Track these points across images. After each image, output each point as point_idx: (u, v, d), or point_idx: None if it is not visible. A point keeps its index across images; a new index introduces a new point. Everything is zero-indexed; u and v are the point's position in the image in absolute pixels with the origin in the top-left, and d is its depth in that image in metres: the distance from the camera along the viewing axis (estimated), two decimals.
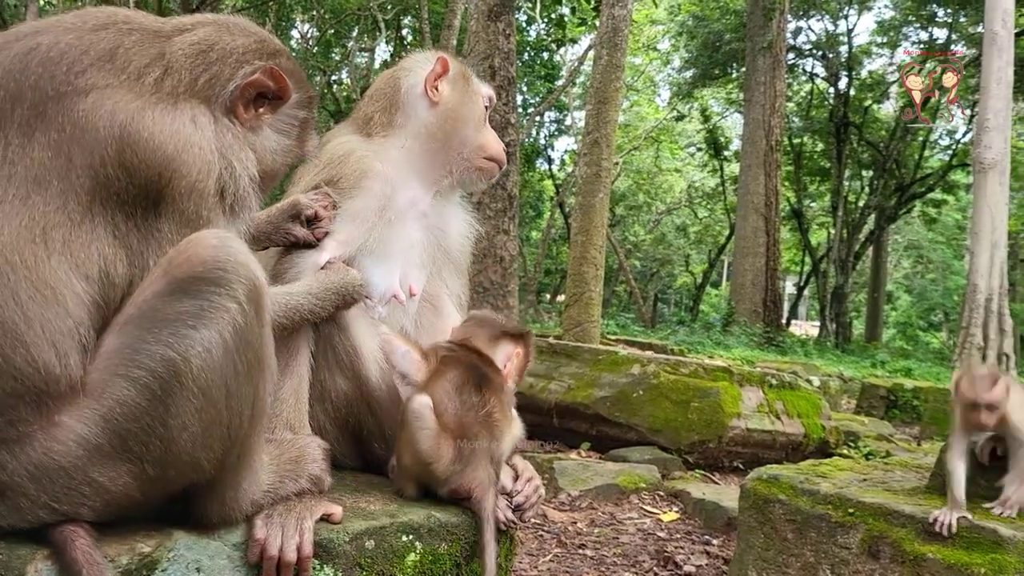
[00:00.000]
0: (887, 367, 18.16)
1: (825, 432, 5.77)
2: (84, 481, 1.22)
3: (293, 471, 1.48)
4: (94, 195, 1.28)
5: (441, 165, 2.06)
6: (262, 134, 1.52)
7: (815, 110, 33.01)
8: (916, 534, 2.09)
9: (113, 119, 1.30)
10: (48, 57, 1.30)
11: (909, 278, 45.15)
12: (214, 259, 1.27)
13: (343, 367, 1.81)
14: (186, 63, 1.42)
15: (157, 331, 1.24)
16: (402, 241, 1.97)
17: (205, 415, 1.26)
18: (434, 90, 2.06)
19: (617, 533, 3.82)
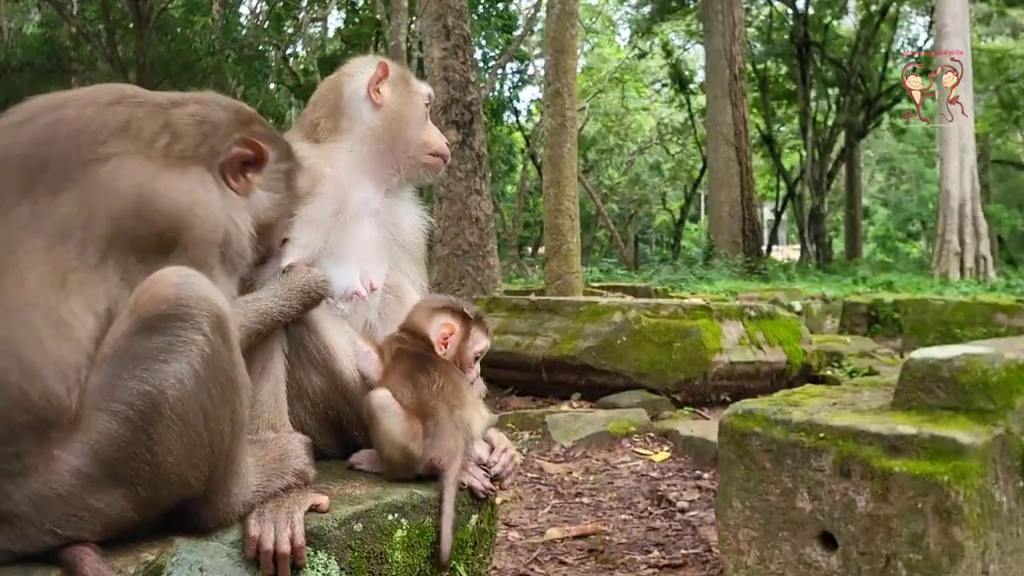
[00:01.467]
0: (868, 283, 18.39)
1: (807, 356, 5.90)
2: (82, 507, 1.32)
3: (279, 469, 1.59)
4: (111, 242, 1.42)
5: (389, 164, 2.15)
6: (254, 196, 1.69)
7: (776, 33, 32.86)
8: (883, 450, 2.19)
9: (133, 178, 1.46)
10: (73, 129, 1.48)
11: (884, 191, 45.44)
12: (176, 296, 1.38)
13: (316, 365, 1.90)
14: (190, 131, 1.60)
15: (132, 367, 1.34)
16: (358, 240, 2.05)
17: (187, 438, 1.37)
18: (376, 93, 2.13)
19: (612, 478, 3.94)
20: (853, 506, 2.22)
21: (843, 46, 31.62)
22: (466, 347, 2.03)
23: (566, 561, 2.92)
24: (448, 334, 1.99)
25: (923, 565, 2.09)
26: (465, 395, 1.91)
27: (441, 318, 2.00)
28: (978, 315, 8.22)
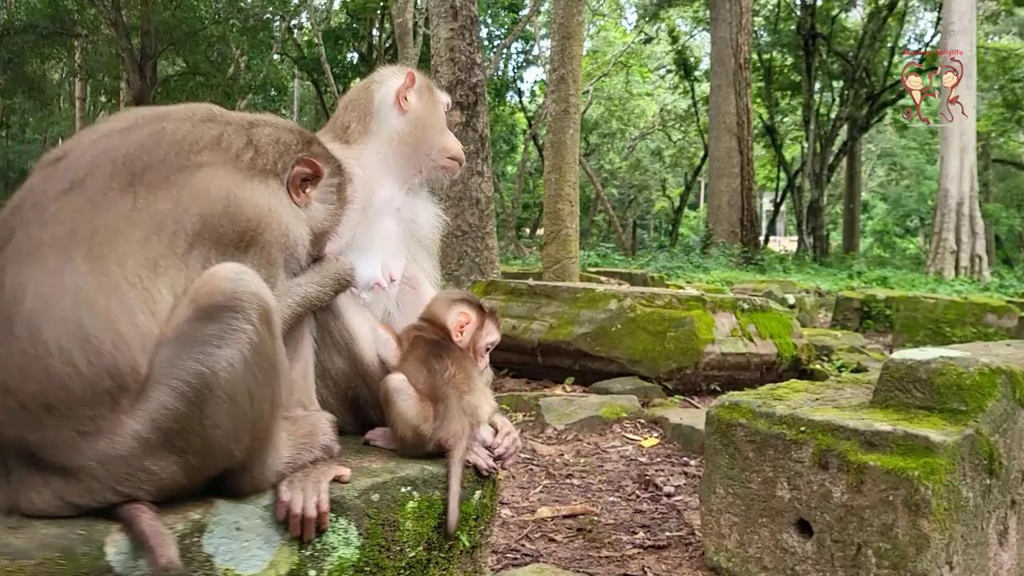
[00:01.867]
0: (863, 277, 18.50)
1: (797, 350, 6.03)
2: (140, 469, 1.49)
3: (308, 443, 1.77)
4: (199, 236, 1.62)
5: (412, 166, 2.32)
6: (312, 208, 1.88)
7: (782, 23, 32.78)
8: (859, 445, 2.31)
9: (223, 184, 1.68)
10: (174, 139, 1.69)
11: (884, 186, 45.49)
12: (232, 290, 1.55)
13: (340, 348, 2.06)
14: (269, 148, 1.81)
15: (190, 349, 1.51)
16: (381, 235, 2.22)
17: (233, 416, 1.54)
18: (404, 100, 2.30)
19: (602, 461, 4.07)
20: (829, 496, 2.35)
21: (849, 39, 31.58)
22: (480, 337, 2.19)
23: (555, 539, 3.05)
24: (465, 322, 2.15)
25: (891, 554, 2.23)
26: (475, 382, 2.07)
27: (459, 307, 2.16)
28: (968, 315, 8.35)
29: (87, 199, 1.57)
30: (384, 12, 28.42)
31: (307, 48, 32.29)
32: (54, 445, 1.47)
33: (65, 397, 1.46)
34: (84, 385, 1.46)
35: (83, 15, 23.03)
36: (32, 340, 1.46)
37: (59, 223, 1.54)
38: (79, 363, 1.46)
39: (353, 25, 32.29)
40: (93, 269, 1.50)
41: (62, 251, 1.51)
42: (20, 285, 1.48)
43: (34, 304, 1.47)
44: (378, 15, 30.62)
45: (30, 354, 1.46)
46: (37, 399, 1.45)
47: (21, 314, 1.47)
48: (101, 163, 1.62)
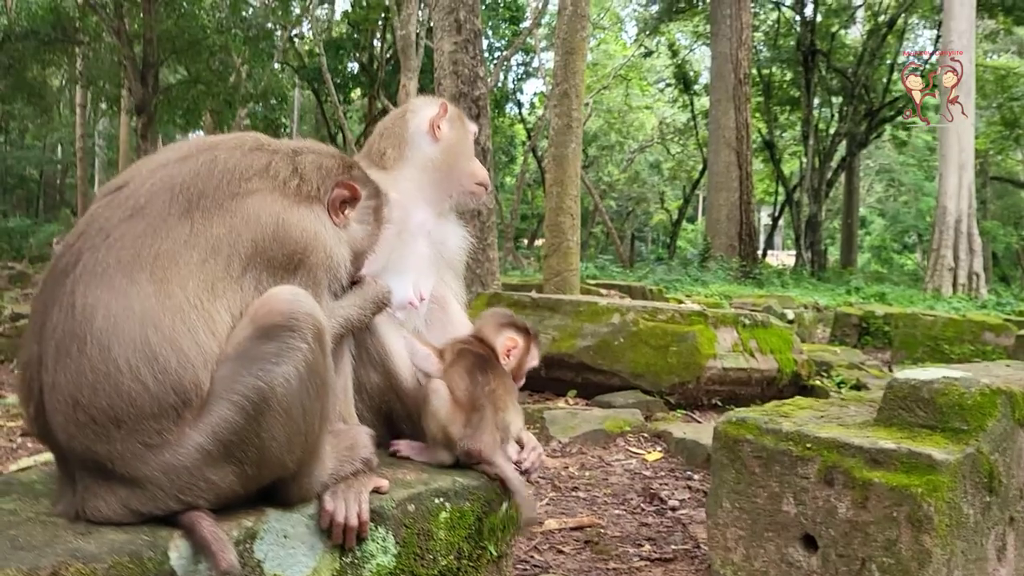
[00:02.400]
0: (861, 293, 18.58)
1: (797, 365, 6.09)
2: (201, 478, 1.59)
3: (349, 456, 1.86)
4: (251, 259, 1.73)
5: (443, 191, 2.44)
6: (350, 228, 1.99)
7: (782, 39, 32.98)
8: (864, 462, 2.37)
9: (272, 210, 1.78)
10: (226, 168, 1.80)
11: (882, 202, 45.68)
12: (289, 311, 1.66)
13: (375, 364, 2.17)
14: (312, 176, 1.92)
15: (249, 366, 1.61)
16: (414, 256, 2.33)
17: (288, 428, 1.64)
18: (437, 128, 2.41)
19: (606, 475, 4.12)
20: (834, 512, 2.41)
21: (849, 56, 31.78)
22: (525, 361, 2.29)
23: (563, 551, 3.10)
24: (512, 347, 2.25)
25: (895, 568, 2.28)
26: (510, 401, 2.15)
27: (507, 332, 2.26)
28: (967, 332, 8.42)
29: (148, 224, 1.67)
30: (386, 23, 28.56)
31: (308, 58, 32.43)
32: (122, 456, 1.56)
33: (133, 412, 1.55)
34: (151, 400, 1.55)
35: (85, 22, 23.10)
36: (103, 358, 1.55)
37: (124, 247, 1.64)
38: (147, 380, 1.55)
39: (354, 36, 32.43)
40: (157, 291, 1.60)
41: (128, 274, 1.61)
42: (90, 306, 1.58)
43: (104, 324, 1.57)
44: (380, 26, 30.77)
45: (101, 371, 1.55)
46: (107, 413, 1.54)
47: (92, 333, 1.56)
48: (160, 191, 1.73)
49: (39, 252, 24.46)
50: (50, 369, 1.59)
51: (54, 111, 34.88)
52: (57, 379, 1.57)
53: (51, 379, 1.58)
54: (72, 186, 38.30)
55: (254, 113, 30.02)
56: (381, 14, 28.54)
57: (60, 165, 43.07)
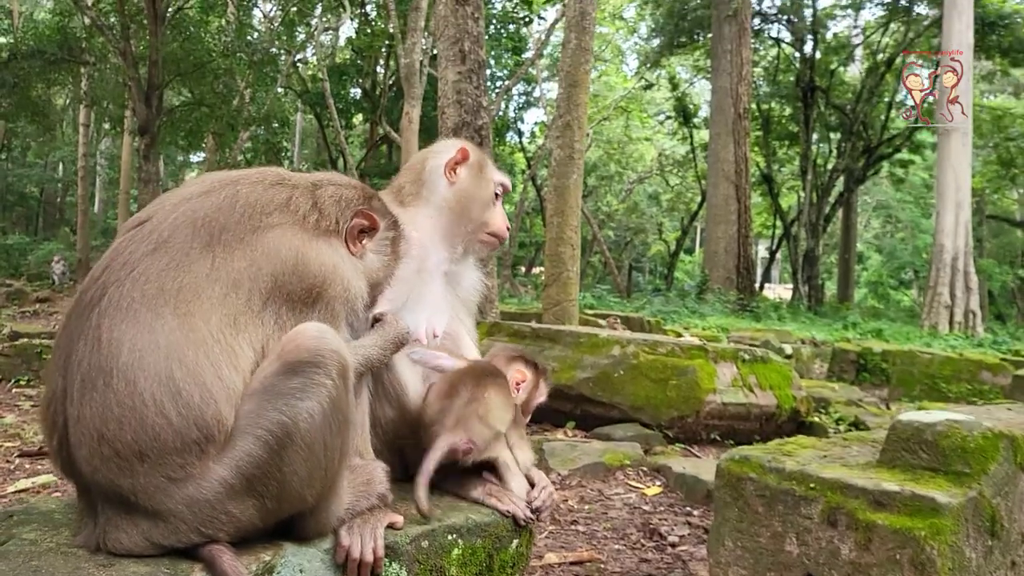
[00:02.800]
0: (858, 329, 18.61)
1: (796, 402, 6.09)
2: (223, 512, 1.60)
3: (365, 491, 1.88)
4: (271, 294, 1.75)
5: (456, 234, 2.47)
6: (367, 258, 2.02)
7: (782, 75, 33.32)
8: (868, 504, 2.38)
9: (291, 245, 1.81)
10: (248, 202, 1.83)
11: (879, 238, 45.91)
12: (316, 347, 1.69)
13: (391, 399, 2.20)
14: (331, 210, 1.96)
15: (274, 401, 1.64)
16: (431, 294, 2.37)
17: (309, 463, 1.66)
18: (452, 172, 2.46)
19: (606, 508, 4.11)
20: (837, 553, 2.41)
21: (847, 93, 32.09)
22: (533, 396, 2.30)
23: None
24: (521, 380, 2.26)
25: None
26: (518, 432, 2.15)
27: (517, 365, 2.27)
28: (964, 371, 8.45)
29: (171, 259, 1.70)
30: (390, 51, 28.81)
31: (311, 83, 32.70)
32: (145, 490, 1.57)
33: (157, 446, 1.56)
34: (175, 435, 1.57)
35: (92, 43, 23.25)
36: (129, 392, 1.57)
37: (148, 281, 1.66)
38: (171, 414, 1.57)
39: (358, 62, 32.72)
40: (181, 325, 1.63)
41: (152, 308, 1.63)
42: (116, 340, 1.60)
43: (129, 358, 1.59)
44: (383, 53, 31.04)
45: (127, 405, 1.57)
46: (131, 447, 1.56)
47: (118, 367, 1.58)
48: (183, 225, 1.76)
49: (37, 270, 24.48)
50: (75, 402, 1.60)
51: (57, 130, 35.03)
52: (83, 412, 1.58)
53: (76, 412, 1.59)
54: (72, 204, 38.35)
55: (256, 136, 30.15)
56: (385, 41, 28.80)
57: (61, 183, 43.17)
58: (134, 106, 22.52)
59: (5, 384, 6.90)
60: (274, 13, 30.06)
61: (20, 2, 33.60)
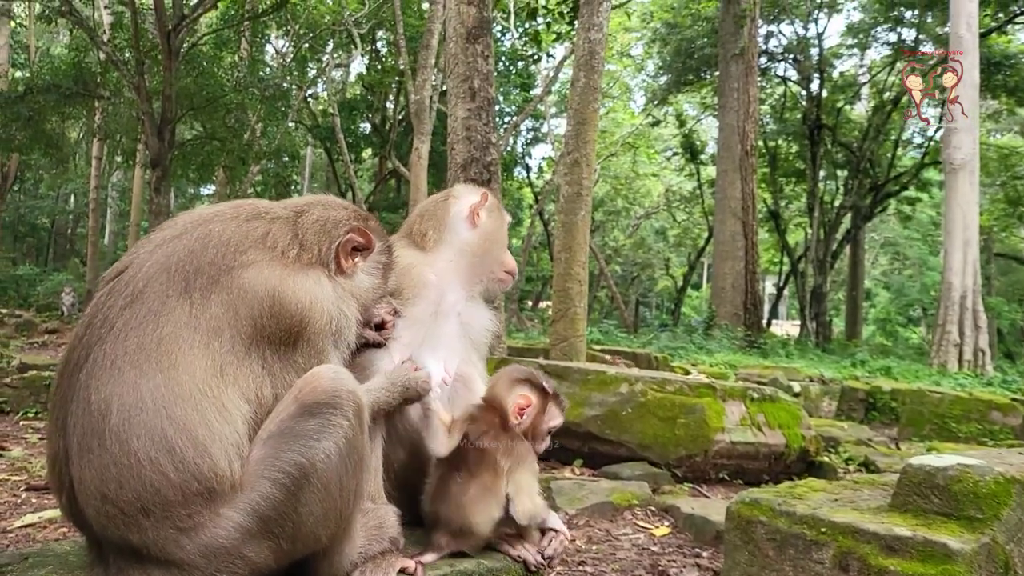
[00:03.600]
0: (867, 367, 18.51)
1: (805, 441, 6.05)
2: (238, 556, 1.61)
3: (378, 535, 1.89)
4: (252, 338, 1.72)
5: (476, 275, 2.52)
6: (357, 278, 1.99)
7: (788, 112, 33.55)
8: (880, 549, 2.36)
9: (268, 284, 1.77)
10: (220, 241, 1.79)
11: (887, 275, 45.85)
12: (332, 389, 1.70)
13: (403, 442, 2.21)
14: (313, 239, 1.92)
15: (292, 443, 1.65)
16: (446, 336, 2.39)
17: (325, 503, 1.66)
18: (476, 216, 2.51)
19: (614, 549, 4.07)
20: None
21: (854, 131, 32.27)
22: (541, 421, 2.21)
23: None
24: (525, 405, 2.17)
25: None
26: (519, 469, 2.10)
27: (520, 389, 2.19)
28: (974, 411, 8.39)
29: (148, 310, 1.68)
30: (400, 87, 29.13)
31: (322, 117, 33.03)
32: (155, 542, 1.58)
33: (159, 501, 1.57)
34: (174, 489, 1.58)
35: (107, 78, 23.56)
36: (123, 451, 1.58)
37: (127, 336, 1.65)
38: (167, 470, 1.58)
39: (368, 97, 33.10)
40: (167, 380, 1.62)
41: (135, 364, 1.62)
42: (104, 401, 1.60)
43: (119, 419, 1.59)
44: (393, 89, 31.39)
45: (124, 464, 1.57)
46: (134, 505, 1.57)
47: (110, 428, 1.59)
48: (157, 272, 1.73)
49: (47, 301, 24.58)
50: (75, 464, 1.61)
51: (70, 162, 35.37)
52: (83, 475, 1.60)
53: (78, 474, 1.61)
54: (83, 236, 38.65)
55: (266, 170, 30.42)
56: (395, 78, 29.15)
57: (72, 215, 43.51)
58: (146, 140, 22.75)
59: (13, 416, 6.91)
60: (286, 49, 30.50)
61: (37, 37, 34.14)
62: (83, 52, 23.96)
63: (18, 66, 31.98)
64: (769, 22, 31.69)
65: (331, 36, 29.62)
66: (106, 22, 25.59)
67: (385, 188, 34.37)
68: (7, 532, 3.90)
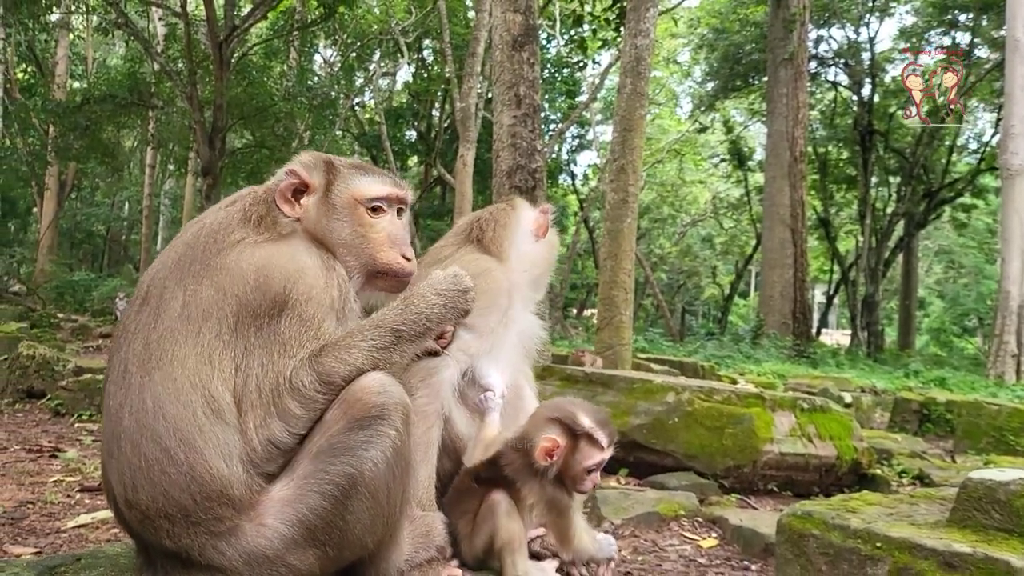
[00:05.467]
0: (920, 377, 18.09)
1: (857, 453, 5.91)
2: (282, 564, 1.61)
3: (424, 543, 1.88)
4: (238, 317, 1.68)
5: (539, 284, 2.58)
6: (310, 215, 1.93)
7: (839, 118, 33.00)
8: (938, 566, 2.28)
9: (252, 257, 1.73)
10: (211, 228, 1.79)
11: (941, 283, 44.81)
12: (381, 402, 1.68)
13: (448, 451, 2.21)
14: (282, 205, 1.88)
15: (341, 455, 1.64)
16: (508, 345, 2.41)
17: (372, 510, 1.66)
18: (544, 230, 2.57)
19: (660, 560, 4.01)
20: None
21: (907, 136, 31.61)
22: (574, 461, 2.06)
23: None
24: (552, 448, 2.03)
25: None
26: (563, 521, 2.04)
27: (546, 432, 2.05)
28: None
29: (151, 309, 1.69)
30: (446, 95, 29.30)
31: (368, 125, 33.38)
32: (192, 549, 1.58)
33: (173, 504, 1.57)
34: (182, 492, 1.57)
35: (160, 88, 24.12)
36: (134, 454, 1.59)
37: (136, 339, 1.67)
38: (170, 472, 1.58)
39: (414, 105, 33.35)
40: (164, 377, 1.61)
41: (140, 366, 1.64)
42: (119, 406, 1.63)
43: (129, 421, 1.61)
44: (439, 97, 31.59)
45: (136, 467, 1.59)
46: (152, 508, 1.58)
47: (124, 432, 1.61)
48: (159, 272, 1.75)
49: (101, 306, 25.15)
50: (107, 470, 1.66)
51: (125, 171, 36.23)
52: (111, 480, 1.63)
53: (110, 479, 1.65)
54: (136, 242, 39.52)
55: None
56: (441, 86, 29.33)
57: (126, 222, 44.53)
58: (198, 148, 23.24)
59: (68, 419, 7.06)
60: (334, 58, 30.89)
61: (94, 49, 35.07)
62: (138, 63, 24.59)
63: (76, 77, 32.90)
64: (819, 26, 31.22)
65: (378, 45, 29.95)
66: (160, 34, 26.21)
67: (430, 195, 34.58)
68: (61, 532, 3.97)
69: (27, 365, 7.93)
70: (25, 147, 26.82)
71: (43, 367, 7.89)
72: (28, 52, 28.62)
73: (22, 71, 30.43)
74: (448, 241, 2.49)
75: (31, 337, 10.51)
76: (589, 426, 2.08)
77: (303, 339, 1.68)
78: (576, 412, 2.10)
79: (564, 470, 2.04)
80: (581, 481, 2.08)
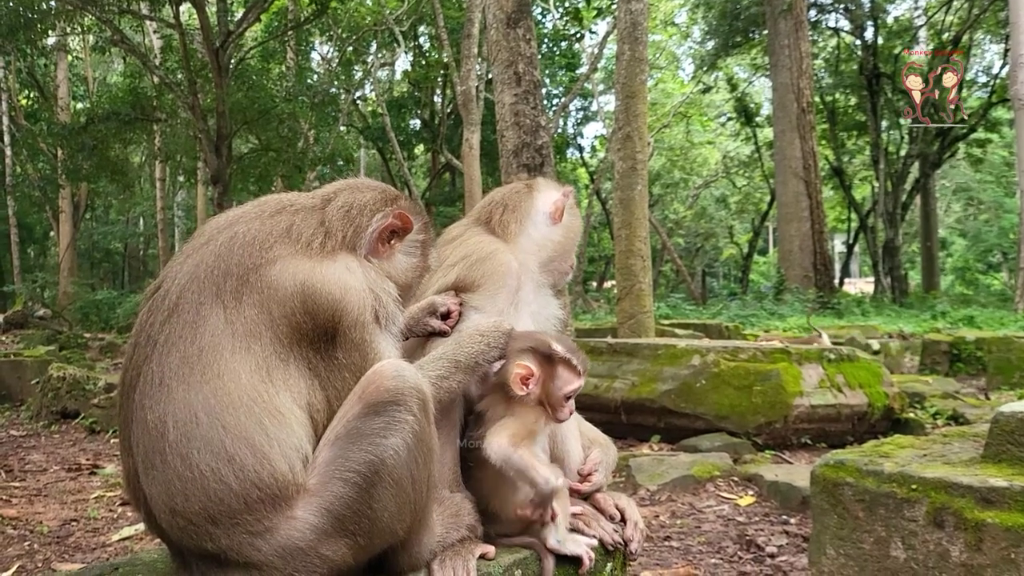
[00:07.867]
0: (948, 318, 17.93)
1: (889, 399, 5.89)
2: (316, 555, 1.63)
3: (455, 523, 1.88)
4: (292, 339, 1.70)
5: (551, 267, 2.51)
6: (394, 260, 1.94)
7: (844, 64, 32.52)
8: (975, 502, 2.26)
9: (295, 278, 1.72)
10: (245, 241, 1.76)
11: (961, 222, 44.30)
12: (395, 387, 1.69)
13: None
14: (339, 225, 1.86)
15: (360, 442, 1.65)
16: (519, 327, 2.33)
17: (398, 497, 1.67)
18: (560, 213, 2.51)
19: (699, 522, 4.02)
20: (947, 556, 2.30)
21: None
22: (554, 387, 2.03)
23: None
24: (526, 376, 2.01)
25: None
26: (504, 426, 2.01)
27: (518, 359, 2.03)
28: None
29: (185, 322, 1.68)
30: (445, 80, 29.20)
31: (372, 118, 33.31)
32: (231, 548, 1.61)
33: (224, 510, 1.60)
34: (237, 498, 1.59)
35: (162, 100, 24.13)
36: (185, 465, 1.60)
37: (170, 352, 1.66)
38: (229, 480, 1.59)
39: (415, 94, 33.24)
40: (214, 390, 1.62)
41: (182, 379, 1.63)
42: (159, 419, 1.62)
43: (175, 435, 1.61)
44: (439, 83, 31.48)
45: (188, 478, 1.60)
46: (201, 516, 1.60)
47: (169, 445, 1.61)
48: (189, 283, 1.72)
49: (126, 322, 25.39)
50: (143, 481, 1.65)
51: (135, 186, 36.43)
52: (151, 491, 1.63)
53: (148, 490, 1.65)
54: (154, 256, 39.81)
55: (323, 175, 30.83)
56: (440, 71, 29.23)
57: (142, 237, 44.85)
58: (205, 157, 23.28)
59: (103, 435, 7.16)
60: (331, 54, 30.83)
61: (93, 68, 35.19)
62: (138, 78, 24.61)
63: (78, 98, 33.04)
64: None
65: (374, 37, 29.83)
66: (156, 46, 26.24)
67: (440, 182, 34.52)
68: (107, 546, 4.04)
69: (58, 387, 8.03)
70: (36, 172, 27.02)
71: (74, 387, 7.98)
72: (29, 77, 28.76)
73: (25, 97, 30.61)
74: (460, 223, 2.49)
75: (60, 359, 10.63)
76: (565, 352, 2.06)
77: (363, 364, 1.76)
78: (549, 340, 2.08)
79: (543, 397, 2.03)
80: (559, 408, 2.04)
